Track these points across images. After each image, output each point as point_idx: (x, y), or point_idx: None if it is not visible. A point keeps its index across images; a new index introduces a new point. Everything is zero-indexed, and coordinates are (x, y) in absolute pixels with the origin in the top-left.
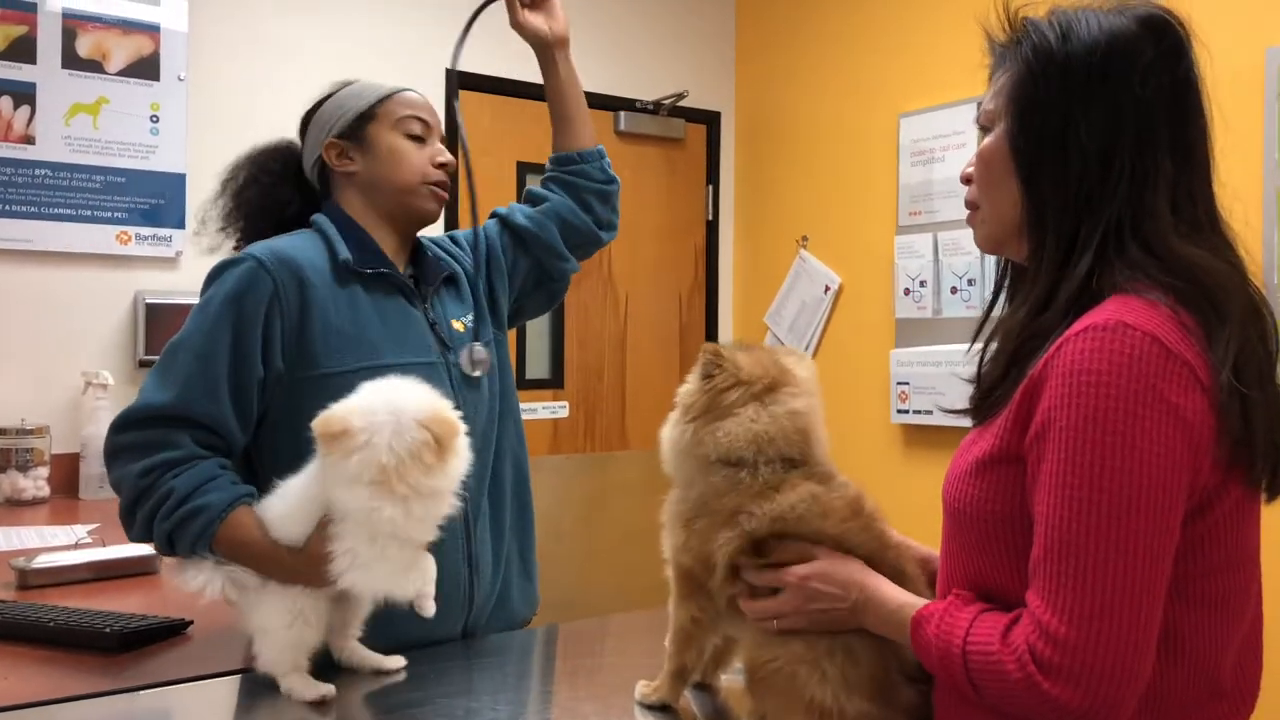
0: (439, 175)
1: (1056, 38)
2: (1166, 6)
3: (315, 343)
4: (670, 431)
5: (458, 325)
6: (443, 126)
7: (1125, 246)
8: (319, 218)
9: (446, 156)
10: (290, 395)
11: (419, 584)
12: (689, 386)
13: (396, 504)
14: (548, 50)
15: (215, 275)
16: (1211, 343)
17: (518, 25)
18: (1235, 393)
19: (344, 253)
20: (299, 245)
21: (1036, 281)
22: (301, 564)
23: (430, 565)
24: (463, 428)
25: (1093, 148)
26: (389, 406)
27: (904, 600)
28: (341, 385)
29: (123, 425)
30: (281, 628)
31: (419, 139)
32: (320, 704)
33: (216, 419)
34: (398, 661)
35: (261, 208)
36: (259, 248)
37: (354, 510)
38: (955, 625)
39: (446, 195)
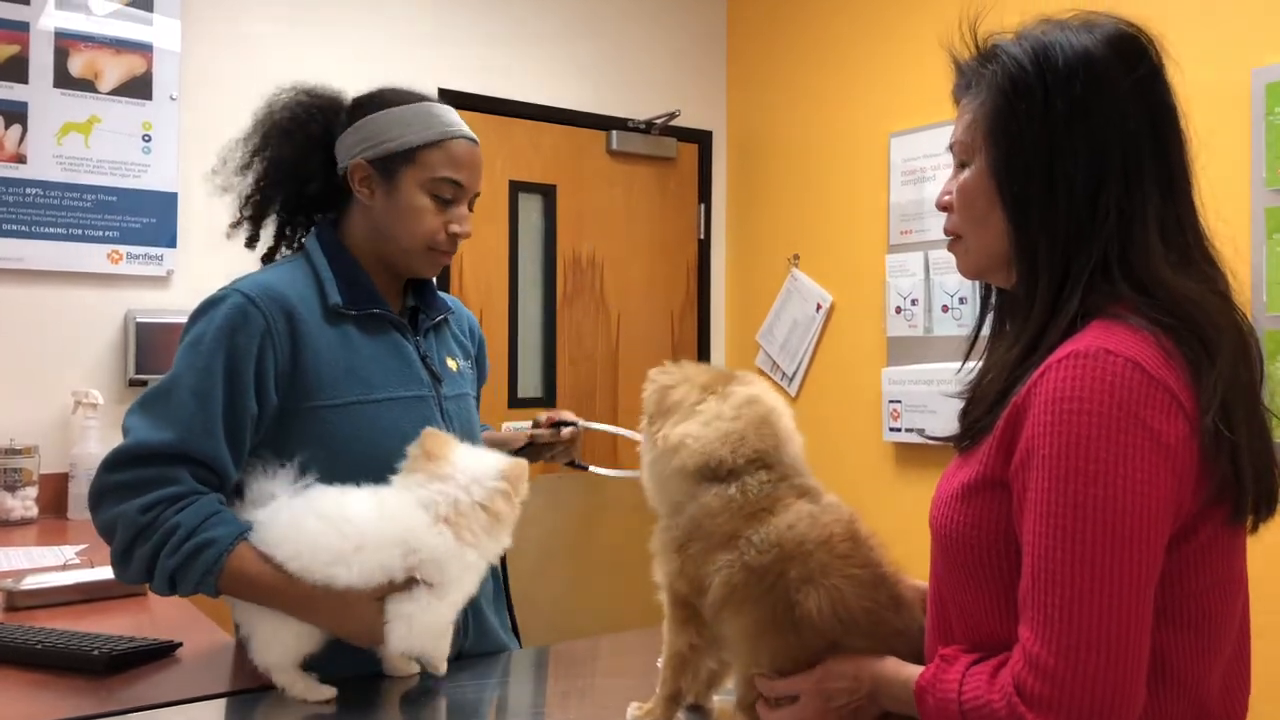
0: (447, 244)
1: (1032, 65)
2: (1133, 22)
3: (308, 376)
4: (645, 456)
5: (451, 364)
6: (481, 179)
7: (1115, 283)
8: (312, 247)
9: (463, 227)
10: (282, 426)
11: (444, 646)
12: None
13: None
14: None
15: (202, 312)
16: (1200, 383)
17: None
18: (1223, 438)
19: (334, 296)
20: (288, 279)
21: (1028, 322)
22: (330, 604)
23: (451, 629)
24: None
25: (1079, 183)
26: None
27: (908, 674)
28: (335, 418)
29: (116, 464)
30: (296, 622)
31: (446, 201)
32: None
33: (214, 457)
34: (329, 691)
35: (292, 167)
36: (246, 283)
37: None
38: (948, 688)
39: (449, 259)
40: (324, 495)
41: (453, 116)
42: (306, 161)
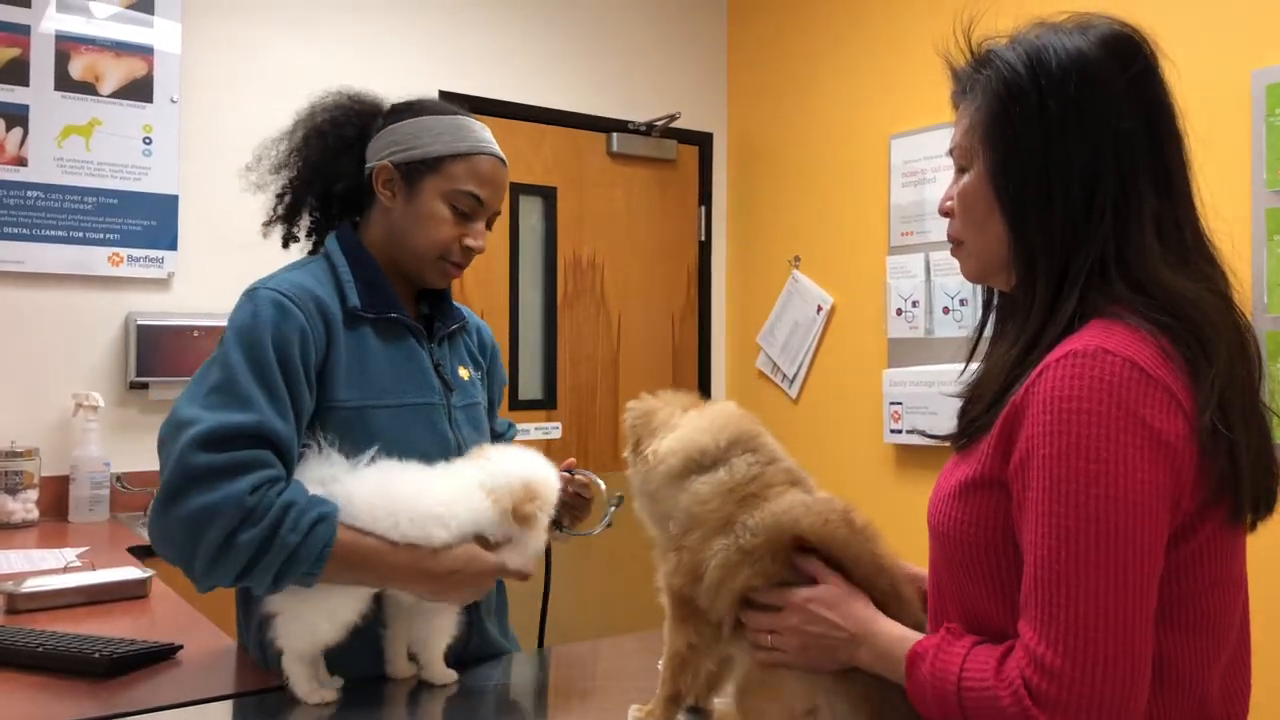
0: (460, 257)
1: (1026, 69)
2: (1126, 22)
3: (329, 375)
4: (636, 480)
5: (464, 373)
6: (504, 198)
7: (1112, 283)
8: (333, 248)
9: (478, 242)
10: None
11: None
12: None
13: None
14: None
15: (241, 308)
16: (1198, 382)
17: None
18: (1220, 436)
19: (353, 299)
20: (312, 278)
21: (1027, 322)
22: (433, 567)
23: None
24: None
25: (1076, 186)
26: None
27: (901, 635)
28: (344, 419)
29: (208, 443)
30: (350, 618)
31: (464, 214)
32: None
33: (289, 441)
34: (336, 683)
35: (323, 167)
36: (275, 281)
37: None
38: (949, 662)
39: (459, 272)
40: (395, 467)
41: (485, 134)
42: (337, 162)
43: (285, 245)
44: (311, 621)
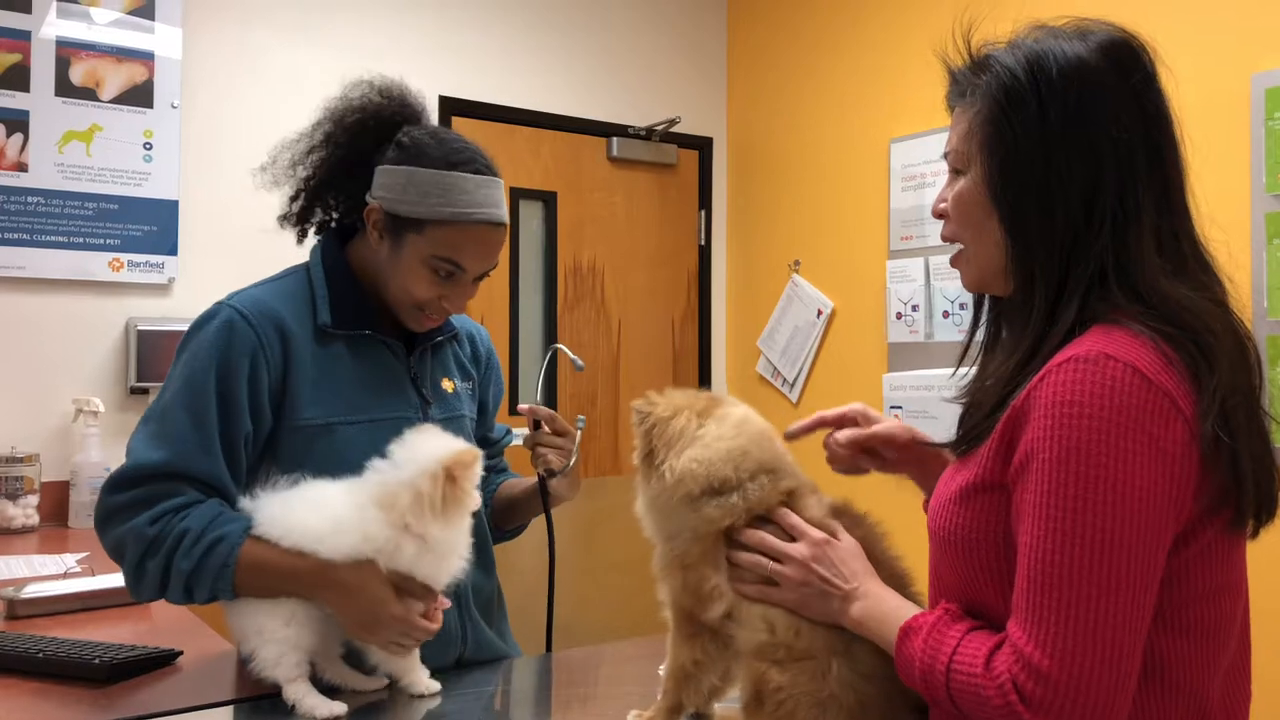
0: (436, 313)
1: (1026, 75)
2: (1125, 29)
3: (294, 393)
4: (648, 491)
5: (447, 385)
6: (496, 257)
7: (1111, 291)
8: (314, 261)
9: (453, 305)
10: (266, 445)
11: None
12: (638, 446)
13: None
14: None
15: (196, 328)
16: (1200, 389)
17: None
18: (1223, 444)
19: (324, 316)
20: (283, 294)
21: (1026, 330)
22: (342, 579)
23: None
24: (476, 461)
25: (1075, 194)
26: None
27: (898, 605)
28: (314, 437)
29: (118, 485)
30: (280, 626)
31: (445, 275)
32: None
33: (213, 475)
34: (379, 682)
35: (336, 167)
36: (240, 298)
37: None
38: (943, 642)
39: (437, 323)
40: (311, 484)
41: (478, 196)
42: (350, 174)
43: (300, 242)
44: (263, 629)
